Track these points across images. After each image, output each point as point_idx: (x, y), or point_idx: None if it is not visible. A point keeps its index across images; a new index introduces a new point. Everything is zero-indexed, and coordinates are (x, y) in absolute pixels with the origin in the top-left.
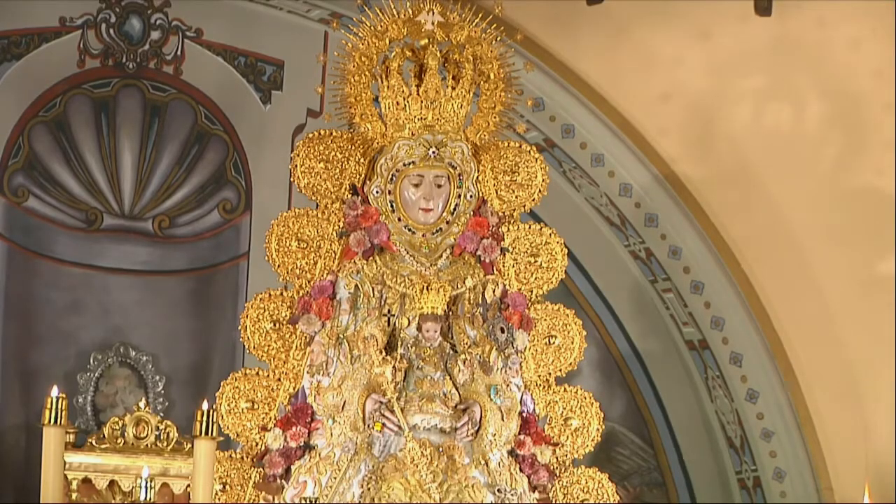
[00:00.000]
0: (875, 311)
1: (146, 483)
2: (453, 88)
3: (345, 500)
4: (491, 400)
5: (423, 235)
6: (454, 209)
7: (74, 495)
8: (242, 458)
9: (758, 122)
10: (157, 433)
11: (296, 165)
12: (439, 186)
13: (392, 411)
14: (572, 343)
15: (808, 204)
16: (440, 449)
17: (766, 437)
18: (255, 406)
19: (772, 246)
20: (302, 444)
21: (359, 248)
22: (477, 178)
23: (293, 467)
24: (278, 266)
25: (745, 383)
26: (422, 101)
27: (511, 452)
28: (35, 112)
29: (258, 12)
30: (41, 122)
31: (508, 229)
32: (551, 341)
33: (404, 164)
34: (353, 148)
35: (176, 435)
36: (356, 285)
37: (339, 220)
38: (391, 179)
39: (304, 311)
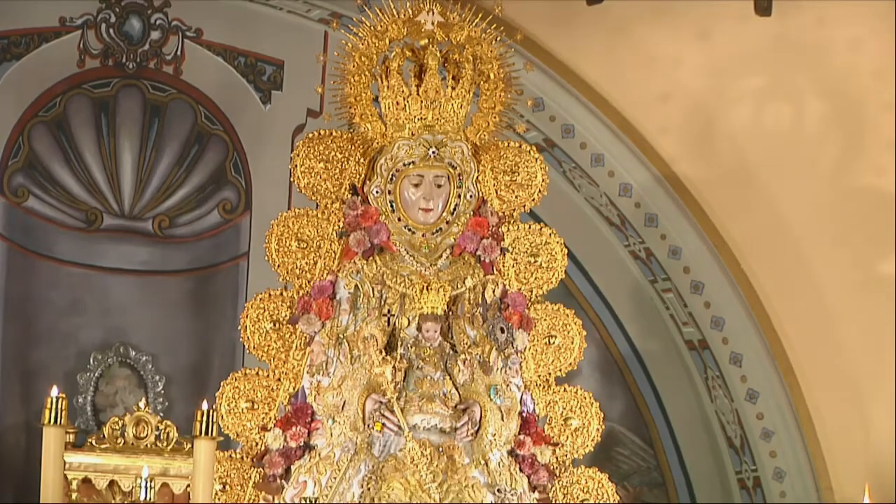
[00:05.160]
0: (875, 311)
1: (146, 483)
2: (453, 88)
3: (345, 500)
4: (491, 400)
5: (423, 235)
6: (454, 209)
7: (74, 495)
8: (242, 458)
9: (758, 122)
10: (157, 433)
11: (296, 165)
12: (439, 186)
13: (392, 411)
14: (572, 343)
15: (808, 204)
16: (440, 449)
17: (766, 437)
18: (255, 406)
19: (772, 246)
20: (302, 444)
21: (359, 248)
22: (477, 178)
23: (293, 467)
24: (278, 266)
25: (745, 383)
26: (422, 101)
27: (511, 452)
28: (35, 112)
29: (258, 12)
30: (41, 122)
31: (508, 229)
32: (551, 341)
33: (404, 164)
34: (353, 148)
35: (176, 435)
36: (356, 285)
37: (339, 220)
38: (391, 179)
39: (304, 311)
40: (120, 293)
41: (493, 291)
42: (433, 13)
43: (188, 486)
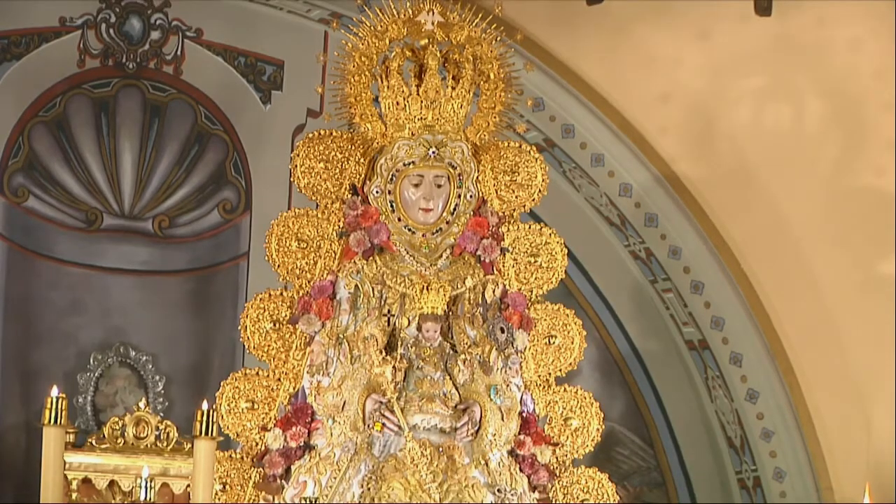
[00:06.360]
0: (875, 310)
1: (146, 483)
2: (453, 88)
3: (345, 500)
4: (491, 400)
5: (423, 235)
6: (454, 209)
7: (74, 495)
8: (242, 458)
9: (758, 122)
10: (157, 433)
11: (296, 165)
12: (439, 186)
13: (392, 411)
14: (572, 343)
15: (808, 204)
16: (440, 449)
17: (766, 437)
18: (255, 406)
19: (772, 246)
20: (302, 444)
21: (359, 248)
22: (477, 178)
23: (293, 467)
24: (278, 266)
25: (745, 383)
26: (422, 101)
27: (511, 452)
28: (35, 112)
29: (258, 12)
30: (41, 122)
31: (508, 229)
32: (551, 341)
33: (404, 164)
34: (353, 148)
35: (176, 435)
36: (356, 285)
37: (339, 220)
38: (391, 179)
39: (304, 311)
40: (120, 293)
41: (493, 291)
42: (433, 13)
43: (188, 486)
